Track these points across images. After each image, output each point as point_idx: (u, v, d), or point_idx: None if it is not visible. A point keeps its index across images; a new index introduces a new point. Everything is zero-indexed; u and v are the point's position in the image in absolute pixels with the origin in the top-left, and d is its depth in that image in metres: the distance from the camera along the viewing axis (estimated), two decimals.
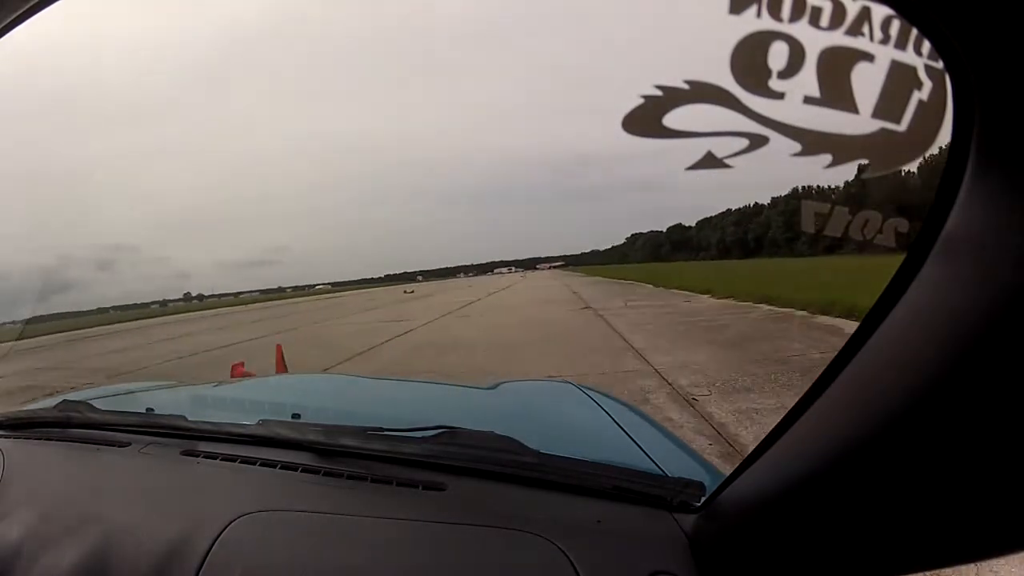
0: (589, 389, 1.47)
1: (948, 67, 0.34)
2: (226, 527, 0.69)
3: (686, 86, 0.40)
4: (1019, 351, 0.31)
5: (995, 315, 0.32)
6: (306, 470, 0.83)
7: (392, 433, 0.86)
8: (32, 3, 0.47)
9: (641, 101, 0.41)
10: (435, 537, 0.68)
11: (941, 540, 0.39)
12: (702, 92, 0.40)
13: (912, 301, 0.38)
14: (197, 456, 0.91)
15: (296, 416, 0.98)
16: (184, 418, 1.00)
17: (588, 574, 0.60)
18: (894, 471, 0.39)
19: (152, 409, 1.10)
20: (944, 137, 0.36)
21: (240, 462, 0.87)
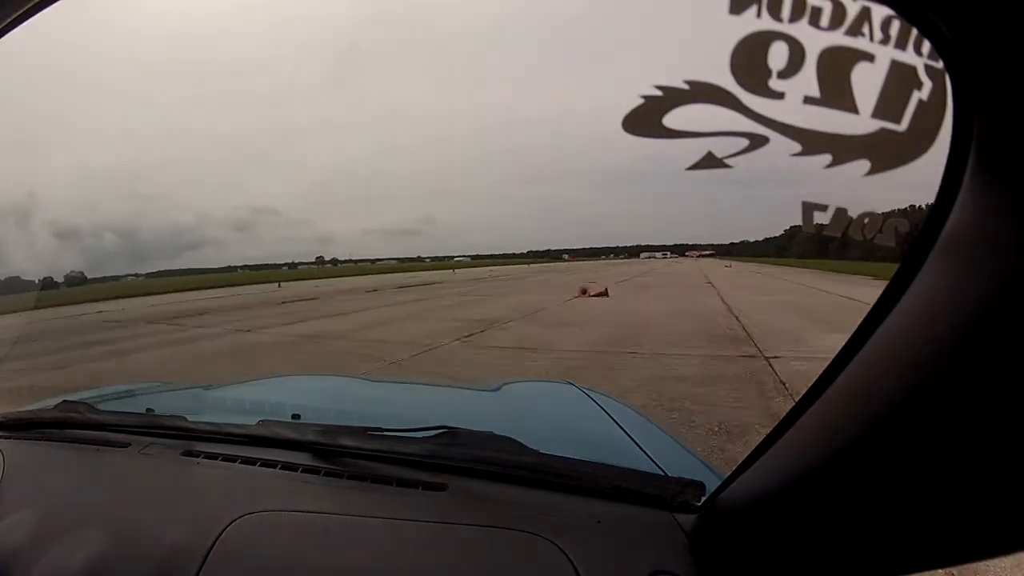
0: (589, 389, 1.47)
1: (948, 67, 0.34)
2: (226, 527, 0.69)
3: (686, 86, 0.40)
4: (1019, 351, 0.31)
5: (995, 315, 0.32)
6: (306, 470, 0.83)
7: (392, 433, 0.86)
8: None
9: (641, 101, 0.41)
10: (435, 537, 0.68)
11: (941, 540, 0.39)
12: (702, 92, 0.40)
13: (912, 301, 0.38)
14: (197, 456, 0.91)
15: (296, 416, 0.98)
16: (184, 418, 1.00)
17: (588, 574, 0.60)
18: (894, 471, 0.39)
19: (152, 409, 1.10)
20: (944, 137, 0.36)
21: (240, 462, 0.87)
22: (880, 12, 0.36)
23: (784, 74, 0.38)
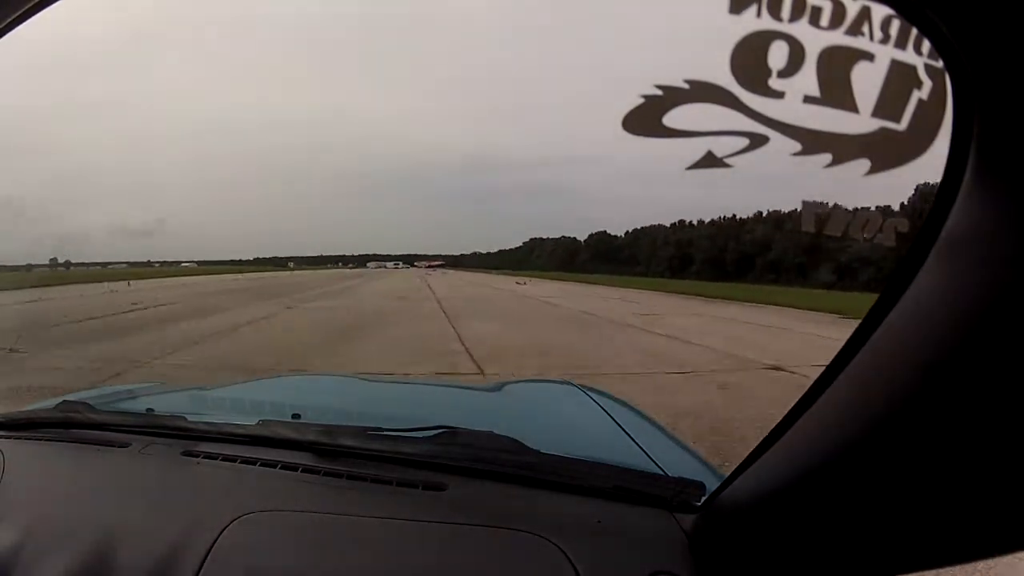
0: (589, 389, 1.47)
1: (948, 67, 0.34)
2: (226, 527, 0.69)
3: (686, 86, 0.40)
4: (1019, 351, 0.31)
5: (995, 314, 0.32)
6: (306, 470, 0.83)
7: (392, 433, 0.86)
8: None
9: (641, 101, 0.41)
10: (435, 537, 0.68)
11: (941, 540, 0.39)
12: (702, 92, 0.40)
13: (912, 301, 0.38)
14: (197, 456, 0.91)
15: (296, 416, 0.98)
16: (184, 418, 1.00)
17: (588, 574, 0.60)
18: (894, 471, 0.39)
19: (152, 409, 1.10)
20: (944, 137, 0.36)
21: (240, 462, 0.87)
22: (880, 12, 0.36)
23: (784, 73, 0.38)
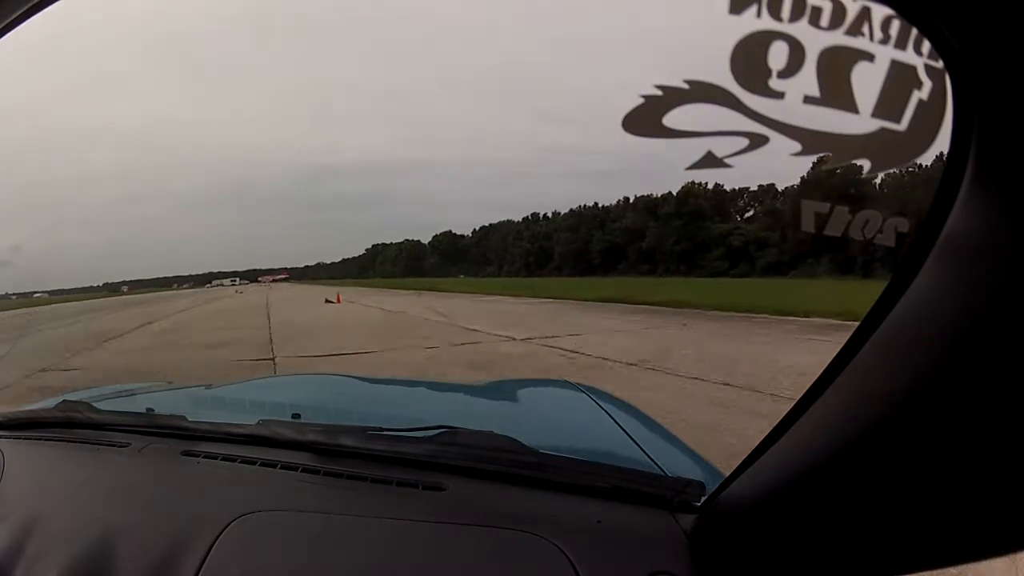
0: (589, 389, 1.47)
1: (948, 67, 0.34)
2: (226, 527, 0.69)
3: (686, 86, 0.40)
4: (1019, 351, 0.31)
5: (995, 315, 0.32)
6: (306, 470, 0.83)
7: (392, 433, 0.86)
8: None
9: (641, 101, 0.41)
10: (435, 537, 0.68)
11: (941, 540, 0.39)
12: (702, 92, 0.40)
13: (912, 301, 0.38)
14: (197, 456, 0.91)
15: (296, 416, 0.98)
16: (184, 418, 1.00)
17: (588, 574, 0.60)
18: (894, 471, 0.39)
19: (152, 409, 1.10)
20: (944, 137, 0.36)
21: (240, 462, 0.87)
22: (880, 12, 0.36)
23: (784, 74, 0.38)
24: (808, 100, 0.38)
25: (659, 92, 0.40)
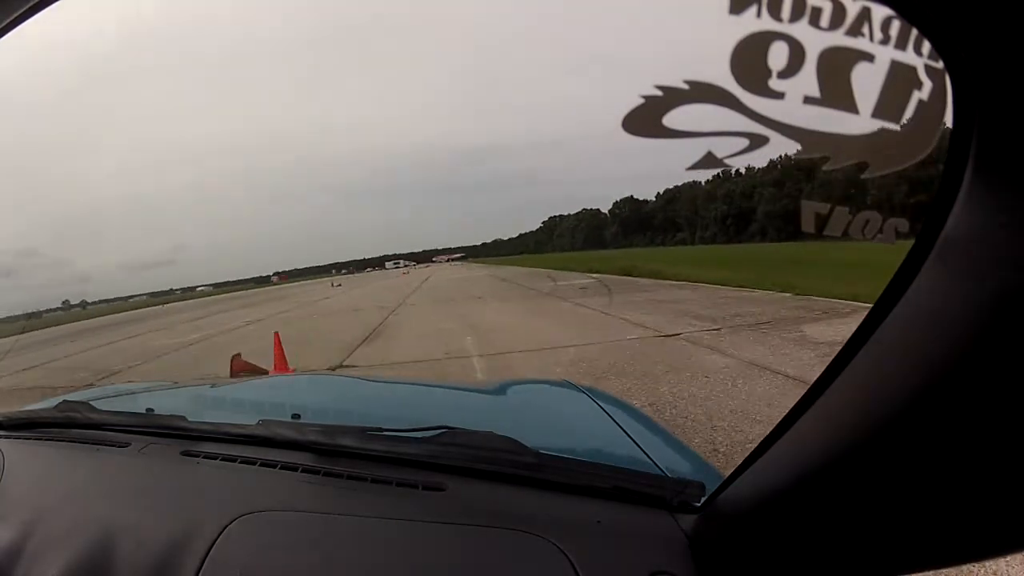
0: (589, 389, 1.47)
1: (948, 67, 0.34)
2: (226, 527, 0.69)
3: (686, 86, 0.40)
4: (1019, 351, 0.31)
5: (995, 315, 0.32)
6: (306, 470, 0.83)
7: (392, 433, 0.86)
8: None
9: (641, 101, 0.41)
10: (435, 537, 0.68)
11: (941, 540, 0.39)
12: (702, 92, 0.40)
13: (912, 301, 0.38)
14: (197, 456, 0.91)
15: (296, 416, 0.98)
16: (184, 418, 1.00)
17: (588, 574, 0.60)
18: (894, 471, 0.39)
19: (152, 409, 1.10)
20: (944, 137, 0.36)
21: (240, 462, 0.87)
22: (880, 12, 0.36)
23: (784, 74, 0.38)
24: (808, 100, 0.38)
25: (659, 92, 0.40)
